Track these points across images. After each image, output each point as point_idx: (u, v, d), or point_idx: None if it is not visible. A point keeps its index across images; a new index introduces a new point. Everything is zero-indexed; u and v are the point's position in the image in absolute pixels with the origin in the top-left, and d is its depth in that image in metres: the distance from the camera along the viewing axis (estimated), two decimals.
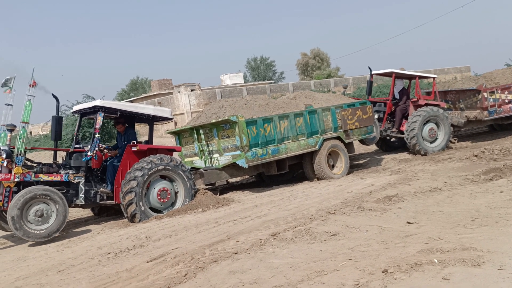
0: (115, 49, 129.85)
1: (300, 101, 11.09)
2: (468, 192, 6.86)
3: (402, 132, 12.80)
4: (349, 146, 11.09)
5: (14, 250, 6.94)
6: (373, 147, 14.57)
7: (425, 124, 12.38)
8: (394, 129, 13.08)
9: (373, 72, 13.60)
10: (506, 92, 13.07)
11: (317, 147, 10.24)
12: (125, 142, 8.67)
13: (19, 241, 7.26)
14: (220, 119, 9.30)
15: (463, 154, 10.92)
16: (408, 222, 5.50)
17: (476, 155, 10.14)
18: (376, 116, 12.66)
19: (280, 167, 10.16)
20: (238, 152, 9.24)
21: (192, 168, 10.07)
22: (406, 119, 12.82)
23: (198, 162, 10.38)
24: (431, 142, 12.53)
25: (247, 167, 9.34)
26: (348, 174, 10.62)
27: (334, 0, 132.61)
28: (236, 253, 4.94)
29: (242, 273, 4.27)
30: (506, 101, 13.09)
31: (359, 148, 14.29)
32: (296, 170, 11.18)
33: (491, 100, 12.95)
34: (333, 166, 10.69)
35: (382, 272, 3.80)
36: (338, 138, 10.73)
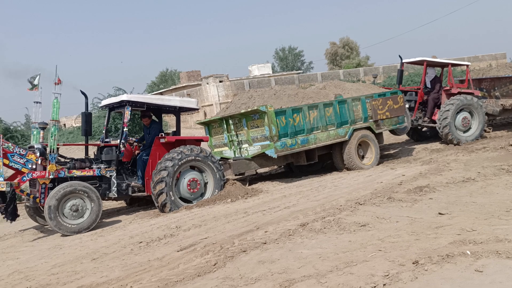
0: (146, 41, 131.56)
1: (329, 91, 10.98)
2: (503, 183, 6.66)
3: (434, 122, 12.48)
4: (379, 136, 10.94)
5: (50, 239, 7.18)
6: (404, 137, 14.30)
7: (458, 113, 12.04)
8: (425, 119, 12.78)
9: (404, 61, 13.30)
10: None
11: (347, 137, 10.14)
12: (149, 135, 8.81)
13: (53, 231, 7.49)
14: (249, 109, 9.32)
15: (498, 143, 10.59)
16: (440, 213, 5.39)
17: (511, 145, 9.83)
18: (407, 106, 12.41)
19: (309, 157, 10.12)
20: (267, 142, 9.25)
21: (221, 158, 10.16)
22: (439, 108, 12.49)
23: (228, 153, 10.45)
24: (465, 132, 12.19)
25: (276, 157, 9.35)
26: (378, 164, 10.49)
27: None
28: (265, 243, 4.97)
29: (271, 263, 4.29)
30: None
31: (389, 138, 14.06)
32: (325, 160, 11.11)
33: None
34: (363, 157, 10.57)
35: (413, 263, 3.75)
36: (368, 128, 10.59)
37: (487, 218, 4.97)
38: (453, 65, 13.50)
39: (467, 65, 13.27)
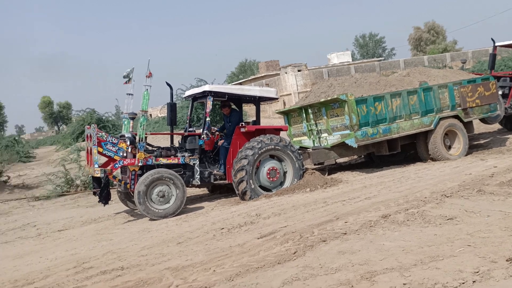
0: (225, 33, 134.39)
1: (413, 78, 10.51)
2: None
3: None
4: (468, 126, 10.30)
5: (139, 223, 7.66)
6: (495, 126, 13.33)
7: None
8: None
9: (496, 44, 12.36)
10: None
11: (432, 126, 9.66)
12: (230, 124, 9.01)
13: (141, 215, 7.97)
14: (329, 98, 9.21)
15: None
16: None
17: None
18: (500, 92, 11.54)
19: (391, 147, 9.80)
20: (347, 132, 9.10)
21: (300, 147, 10.16)
22: None
23: (307, 142, 10.42)
24: None
25: (356, 147, 9.17)
26: (466, 155, 9.89)
27: None
28: (345, 233, 4.91)
29: (352, 253, 4.24)
30: None
31: (479, 127, 13.19)
32: (408, 150, 10.68)
33: None
34: (449, 147, 10.02)
35: (506, 260, 3.51)
36: (456, 117, 10.01)
37: None
38: None
39: None
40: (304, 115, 10.25)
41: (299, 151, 8.97)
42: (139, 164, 7.96)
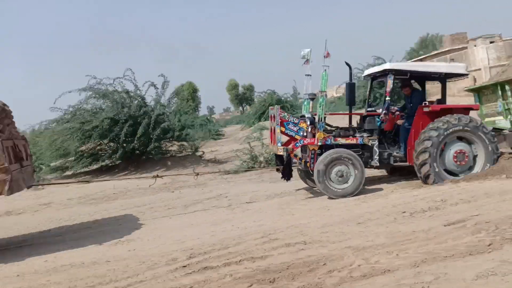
0: (401, 6, 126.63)
1: None
2: None
3: None
4: None
5: (318, 200, 7.89)
6: None
7: None
8: None
9: None
10: None
11: None
12: (411, 104, 8.53)
13: (320, 193, 8.17)
14: None
15: None
16: None
17: None
18: None
19: None
20: None
21: (494, 129, 9.10)
22: None
23: (502, 123, 9.31)
24: None
25: None
26: None
27: None
28: None
29: None
30: None
31: None
32: None
33: None
34: None
35: None
36: None
37: None
38: None
39: None
40: (499, 92, 9.14)
41: (492, 133, 8.05)
42: (318, 143, 8.16)
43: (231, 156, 16.24)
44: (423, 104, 8.30)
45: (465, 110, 8.42)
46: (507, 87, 8.92)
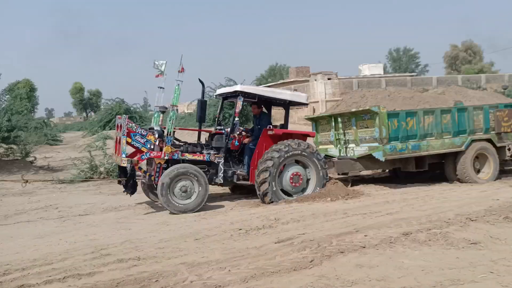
0: (257, 35, 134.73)
1: (449, 96, 10.37)
2: None
3: None
4: (500, 151, 10.02)
5: (158, 215, 7.71)
6: None
7: None
8: None
9: None
10: None
11: (463, 147, 9.47)
12: (259, 126, 9.00)
13: (161, 208, 8.02)
14: (360, 109, 9.14)
15: None
16: None
17: None
18: None
19: (419, 165, 9.64)
20: (376, 144, 8.99)
21: (326, 156, 10.08)
22: None
23: (333, 151, 10.34)
24: None
25: (383, 161, 9.05)
26: (495, 180, 9.63)
27: None
28: (364, 247, 4.85)
29: (370, 268, 4.18)
30: None
31: None
32: (435, 169, 10.48)
33: None
34: (478, 171, 9.79)
35: None
36: (489, 140, 9.77)
37: None
38: None
39: None
40: (333, 123, 10.18)
41: (324, 160, 8.90)
42: (165, 157, 8.03)
43: (68, 164, 15.03)
44: (268, 127, 8.79)
45: (304, 136, 9.14)
46: (339, 119, 9.97)
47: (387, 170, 11.51)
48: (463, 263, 4.24)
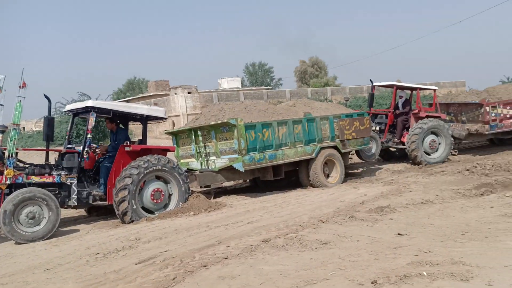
0: (113, 48, 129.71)
1: (299, 108, 11.13)
2: (459, 206, 6.88)
3: (403, 143, 12.91)
4: (345, 156, 11.10)
5: (1, 247, 6.86)
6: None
7: (426, 136, 12.49)
8: (395, 140, 13.18)
9: (374, 84, 13.72)
10: (508, 107, 13.23)
11: (313, 155, 10.25)
12: (116, 142, 8.64)
13: (5, 238, 7.17)
14: (219, 122, 9.31)
15: (455, 168, 10.96)
16: (399, 234, 5.50)
17: (468, 170, 10.19)
18: (377, 128, 12.80)
19: (276, 173, 10.17)
20: (236, 156, 9.24)
21: (187, 169, 10.06)
22: (407, 130, 12.92)
23: (194, 164, 10.36)
24: (432, 154, 12.64)
25: (243, 171, 9.34)
26: (342, 183, 10.63)
27: (333, 9, 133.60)
28: (226, 258, 4.92)
29: (232, 278, 4.25)
30: (508, 116, 13.23)
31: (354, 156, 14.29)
32: (291, 176, 11.18)
33: (493, 114, 13.08)
34: (328, 175, 10.69)
35: (372, 283, 3.79)
36: (335, 147, 10.75)
37: (443, 240, 5.10)
38: (421, 89, 14.01)
39: (434, 90, 13.85)
40: (193, 137, 10.21)
41: (186, 174, 8.87)
42: (7, 182, 7.21)
43: None
44: (125, 143, 8.46)
45: (163, 151, 8.99)
46: (199, 133, 10.04)
47: (247, 180, 11.95)
48: (316, 263, 4.57)
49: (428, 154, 12.57)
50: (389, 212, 6.74)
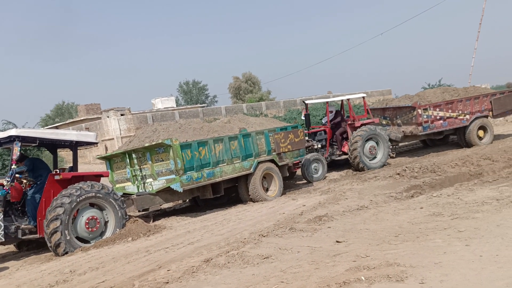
0: (38, 73, 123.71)
1: (234, 124, 11.18)
2: (392, 209, 7.19)
3: (345, 153, 13.44)
4: (282, 169, 11.27)
5: None
6: None
7: (365, 143, 13.07)
8: (338, 152, 13.69)
9: (307, 102, 14.22)
10: (437, 109, 14.18)
11: (251, 170, 10.31)
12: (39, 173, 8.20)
13: None
14: (153, 143, 9.14)
15: (387, 172, 11.48)
16: (337, 241, 5.64)
17: (398, 174, 10.70)
18: (319, 145, 13.20)
19: (216, 191, 10.11)
20: (173, 176, 9.09)
21: (124, 194, 9.74)
22: (346, 140, 13.46)
23: (131, 188, 10.06)
24: (372, 159, 13.22)
25: (182, 191, 9.20)
26: (281, 195, 10.77)
27: (265, 26, 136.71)
28: (167, 282, 4.80)
29: None
30: (438, 117, 14.18)
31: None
32: (231, 193, 11.16)
33: (425, 116, 13.97)
34: (267, 189, 10.79)
35: None
36: (272, 161, 10.88)
37: (379, 243, 5.30)
38: (350, 99, 14.62)
39: (363, 97, 14.50)
40: (127, 160, 9.93)
41: (122, 199, 8.58)
42: None
43: None
44: (54, 172, 8.06)
45: (97, 177, 8.66)
46: (134, 155, 9.78)
47: (187, 200, 11.78)
48: (258, 278, 4.57)
49: (369, 160, 13.17)
50: (327, 221, 6.91)
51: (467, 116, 14.44)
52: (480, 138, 14.62)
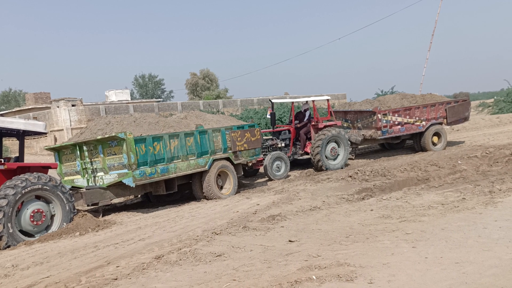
0: None
1: (190, 121, 11.05)
2: (344, 211, 7.36)
3: (307, 153, 13.63)
4: (237, 167, 11.26)
5: None
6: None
7: (327, 144, 13.30)
8: (300, 152, 13.85)
9: (273, 100, 14.29)
10: (396, 115, 14.67)
11: (206, 167, 10.23)
12: None
13: None
14: (106, 136, 8.87)
15: (339, 175, 11.72)
16: (290, 241, 5.70)
17: (350, 176, 10.96)
18: (283, 144, 13.29)
19: (169, 187, 9.96)
20: (125, 171, 8.87)
21: (72, 187, 9.41)
22: (309, 140, 13.65)
23: (80, 181, 9.72)
24: (333, 160, 13.49)
25: (134, 186, 9.00)
26: (235, 194, 10.76)
27: (224, 25, 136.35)
28: (116, 279, 4.68)
29: None
30: (396, 123, 14.68)
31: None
32: (184, 190, 11.03)
33: (384, 121, 14.42)
34: (221, 187, 10.75)
35: None
36: (228, 159, 10.85)
37: (330, 244, 5.40)
38: (314, 100, 14.88)
39: (328, 100, 14.75)
40: (78, 152, 9.59)
41: (70, 192, 8.27)
42: None
43: None
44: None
45: (44, 168, 8.32)
46: (84, 148, 9.45)
47: (139, 196, 11.53)
48: (210, 276, 4.54)
49: (330, 161, 13.43)
50: (281, 220, 6.97)
51: (423, 123, 15.05)
52: (434, 144, 15.29)
